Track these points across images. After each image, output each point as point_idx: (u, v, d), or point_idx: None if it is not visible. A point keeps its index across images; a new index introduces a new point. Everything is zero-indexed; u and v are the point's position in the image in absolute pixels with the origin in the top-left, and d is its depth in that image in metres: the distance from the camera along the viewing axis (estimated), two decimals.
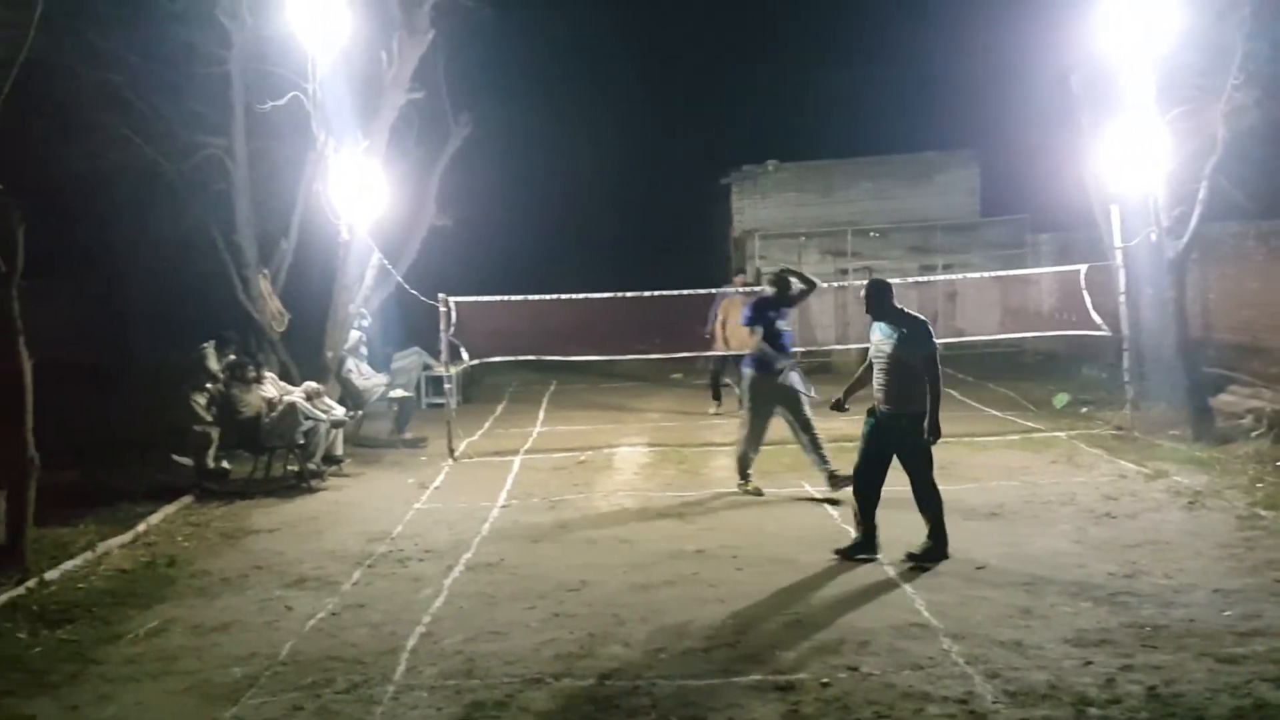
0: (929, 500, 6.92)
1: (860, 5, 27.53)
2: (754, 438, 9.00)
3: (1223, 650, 5.12)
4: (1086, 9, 10.47)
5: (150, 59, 12.29)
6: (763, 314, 8.94)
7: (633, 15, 28.80)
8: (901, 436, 6.91)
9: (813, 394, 9.01)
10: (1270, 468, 8.70)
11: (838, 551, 7.03)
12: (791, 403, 8.87)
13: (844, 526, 7.81)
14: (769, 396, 8.91)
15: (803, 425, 8.88)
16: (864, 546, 6.99)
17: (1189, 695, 4.67)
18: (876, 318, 7.04)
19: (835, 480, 8.58)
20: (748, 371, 9.07)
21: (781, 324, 8.97)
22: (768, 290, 9.22)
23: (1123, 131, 10.45)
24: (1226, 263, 12.80)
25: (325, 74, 10.82)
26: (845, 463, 8.00)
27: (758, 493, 8.97)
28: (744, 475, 9.05)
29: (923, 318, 6.95)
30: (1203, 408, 10.48)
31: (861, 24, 27.71)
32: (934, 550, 6.83)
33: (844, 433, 9.06)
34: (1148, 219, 10.65)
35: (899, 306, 7.04)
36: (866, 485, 7.03)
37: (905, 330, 6.84)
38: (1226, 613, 5.63)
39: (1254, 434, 9.81)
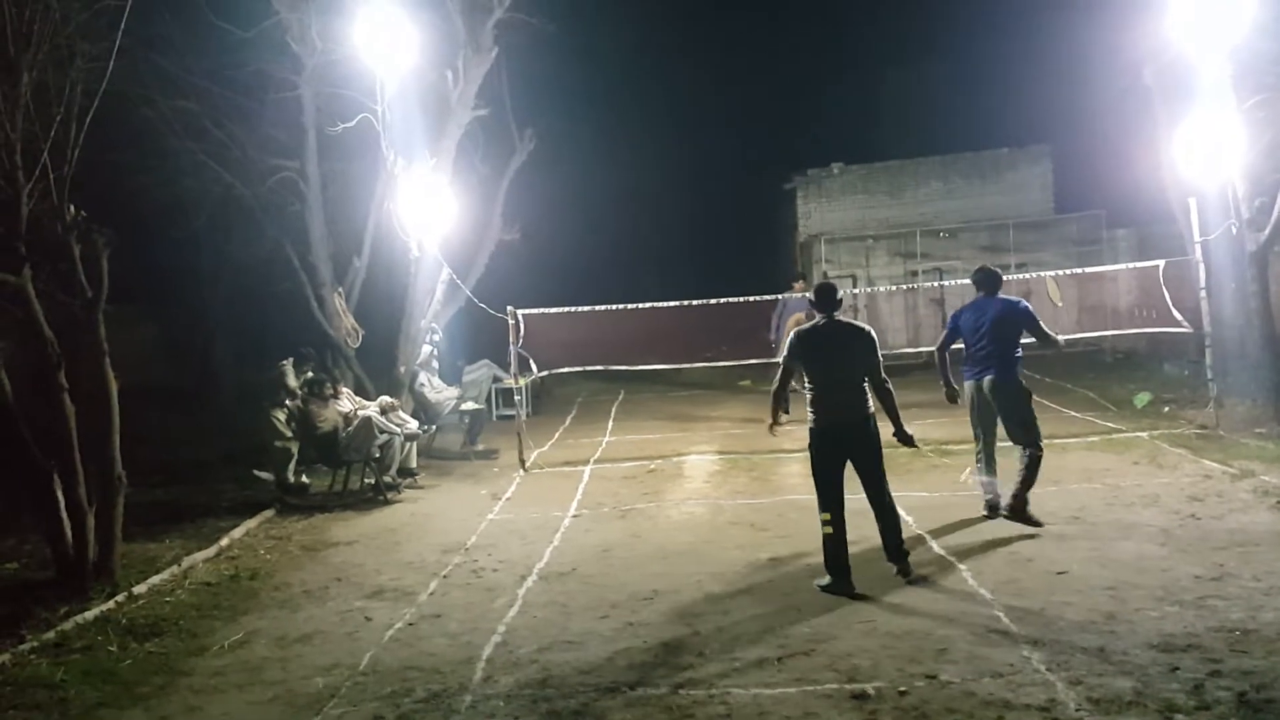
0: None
1: (927, 3, 27.28)
2: (982, 443, 8.67)
3: None
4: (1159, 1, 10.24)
5: (224, 85, 12.69)
6: (954, 321, 8.41)
7: (695, 21, 28.91)
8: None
9: None
10: None
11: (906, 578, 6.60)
12: (988, 417, 8.20)
13: (919, 531, 7.71)
14: (972, 405, 8.36)
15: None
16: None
17: None
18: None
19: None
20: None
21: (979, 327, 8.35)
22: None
23: (1199, 123, 10.18)
24: None
25: (393, 95, 11.04)
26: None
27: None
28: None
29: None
30: None
31: (929, 22, 27.50)
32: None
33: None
34: (1227, 212, 10.37)
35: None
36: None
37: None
38: None
39: None
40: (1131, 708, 4.58)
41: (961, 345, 7.99)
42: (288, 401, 10.76)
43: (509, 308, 11.70)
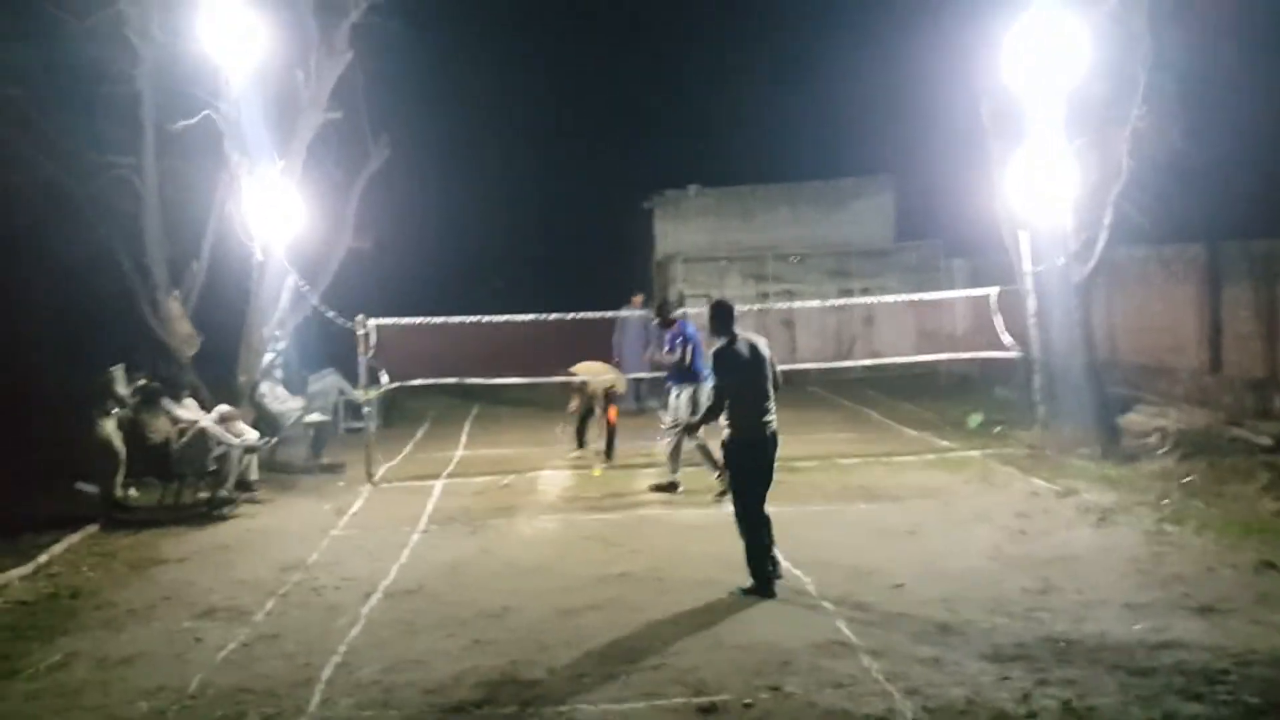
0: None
1: (777, 34, 28.15)
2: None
3: (1134, 663, 5.26)
4: (997, 40, 10.79)
5: (55, 74, 11.92)
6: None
7: (555, 38, 28.97)
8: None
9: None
10: (1175, 485, 8.98)
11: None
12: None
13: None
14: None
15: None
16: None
17: (1103, 708, 4.77)
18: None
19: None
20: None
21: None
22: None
23: (1031, 159, 10.77)
24: (1131, 286, 13.26)
25: (240, 93, 10.63)
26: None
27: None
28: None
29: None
30: (1110, 427, 10.80)
31: (779, 52, 28.32)
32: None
33: None
34: (1056, 244, 10.97)
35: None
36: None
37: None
38: (1137, 626, 5.78)
39: (1160, 452, 10.13)
40: (964, 716, 4.76)
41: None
42: (116, 410, 10.18)
43: (359, 317, 11.39)
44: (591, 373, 11.92)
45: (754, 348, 6.93)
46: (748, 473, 6.84)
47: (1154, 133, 9.94)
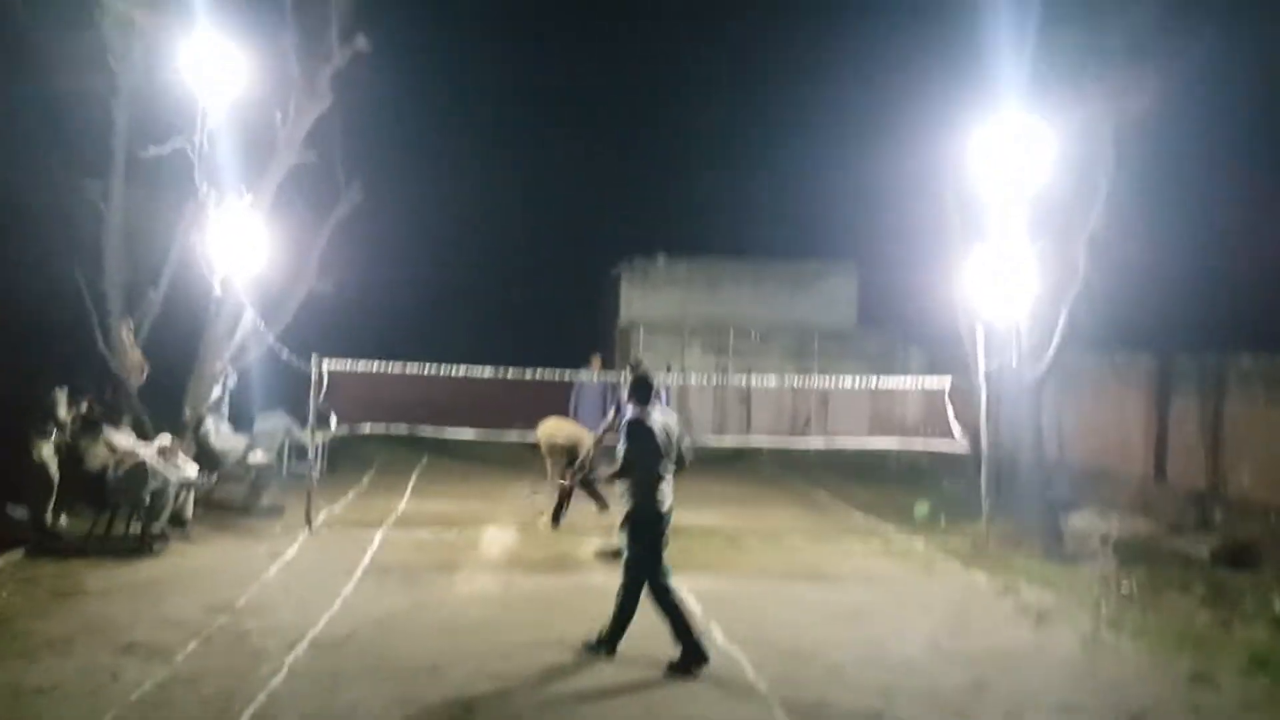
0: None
1: (756, 114, 28.75)
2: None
3: None
4: (965, 137, 11.06)
5: (28, 90, 11.83)
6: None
7: (533, 103, 29.35)
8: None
9: None
10: (1113, 590, 9.03)
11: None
12: None
13: (707, 620, 7.77)
14: None
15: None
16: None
17: None
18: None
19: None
20: None
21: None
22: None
23: (992, 256, 10.97)
24: (1083, 390, 13.47)
25: (215, 125, 10.59)
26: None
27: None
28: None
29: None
30: (1054, 528, 10.87)
31: (756, 130, 28.89)
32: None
33: None
34: (1011, 342, 11.13)
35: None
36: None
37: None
38: None
39: (1100, 557, 10.20)
40: None
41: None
42: (55, 434, 9.94)
43: (314, 356, 11.26)
44: (555, 431, 11.76)
45: (665, 427, 6.95)
46: (651, 542, 6.86)
47: (1113, 240, 10.17)
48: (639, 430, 6.83)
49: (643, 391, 6.98)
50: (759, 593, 8.70)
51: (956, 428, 12.14)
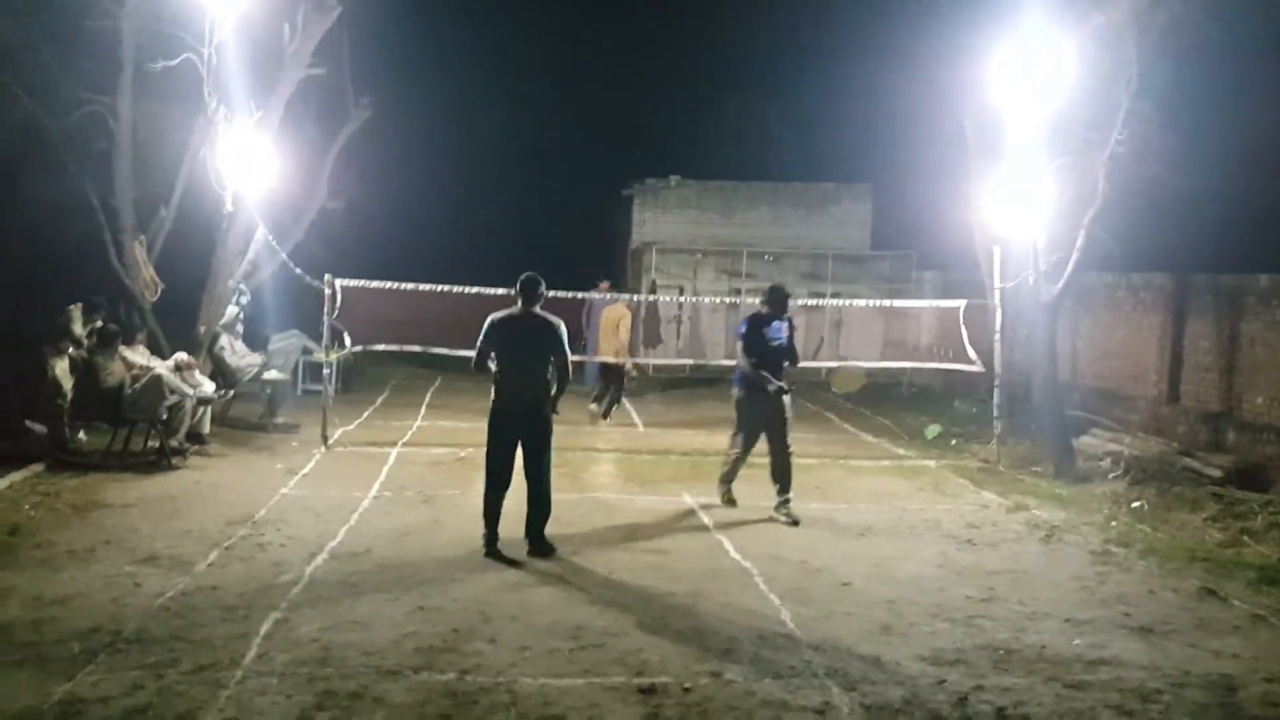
0: None
1: (770, 37, 28.24)
2: (743, 455, 8.85)
3: (1071, 676, 5.30)
4: (983, 56, 10.84)
5: (36, 5, 11.65)
6: (757, 332, 8.63)
7: (547, 18, 28.82)
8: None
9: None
10: (1124, 508, 9.08)
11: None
12: (776, 425, 8.63)
13: (719, 537, 7.87)
14: (757, 415, 8.68)
15: (783, 449, 8.67)
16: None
17: (1036, 717, 4.81)
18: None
19: (788, 512, 8.54)
20: (737, 391, 8.82)
21: (778, 340, 8.69)
22: (760, 306, 8.83)
23: (1009, 176, 10.82)
24: (1098, 311, 13.40)
25: (223, 39, 10.43)
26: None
27: (733, 503, 8.86)
28: (726, 483, 8.96)
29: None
30: (1065, 447, 10.89)
31: (769, 56, 28.40)
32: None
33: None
34: (1027, 263, 11.04)
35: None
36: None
37: None
38: (1076, 641, 5.83)
39: (1111, 475, 10.23)
40: (900, 715, 4.78)
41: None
42: (71, 350, 10.00)
43: (326, 276, 11.25)
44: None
45: (534, 325, 7.32)
46: (491, 434, 7.39)
47: (1133, 159, 10.00)
48: (488, 325, 7.39)
49: (520, 292, 7.45)
50: (770, 510, 8.76)
51: (971, 351, 12.10)
